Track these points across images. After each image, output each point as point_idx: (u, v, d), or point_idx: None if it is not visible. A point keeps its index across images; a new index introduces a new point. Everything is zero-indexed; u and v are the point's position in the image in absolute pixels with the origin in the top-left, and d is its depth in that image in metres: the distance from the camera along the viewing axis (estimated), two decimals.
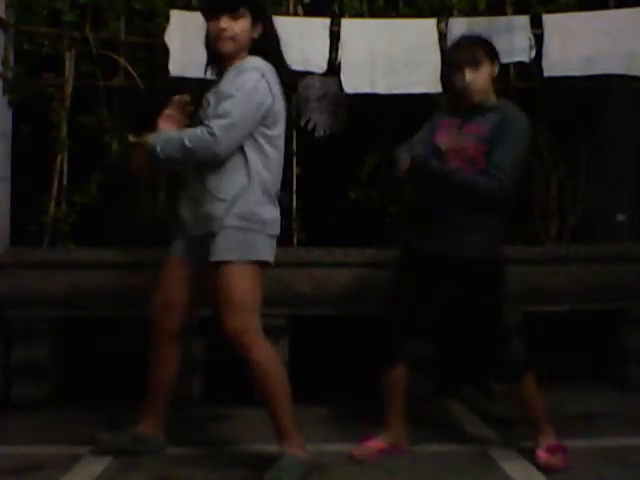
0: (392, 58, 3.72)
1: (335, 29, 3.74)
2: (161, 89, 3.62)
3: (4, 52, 3.73)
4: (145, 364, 2.83)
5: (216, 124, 2.51)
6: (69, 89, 3.79)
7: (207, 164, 2.58)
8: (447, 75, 2.84)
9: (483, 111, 2.76)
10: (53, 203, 3.75)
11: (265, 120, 2.60)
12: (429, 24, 3.76)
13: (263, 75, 2.59)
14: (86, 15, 3.78)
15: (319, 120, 3.82)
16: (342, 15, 3.84)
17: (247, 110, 2.55)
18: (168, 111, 2.73)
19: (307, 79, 3.79)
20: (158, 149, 2.56)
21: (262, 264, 2.63)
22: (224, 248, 2.57)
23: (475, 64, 2.74)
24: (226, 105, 2.54)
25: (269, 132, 2.62)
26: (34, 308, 3.49)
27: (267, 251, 2.64)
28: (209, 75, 2.81)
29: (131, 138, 2.66)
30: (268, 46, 2.68)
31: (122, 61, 3.76)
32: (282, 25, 3.32)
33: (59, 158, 3.78)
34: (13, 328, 3.53)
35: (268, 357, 2.63)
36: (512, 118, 2.73)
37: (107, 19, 3.80)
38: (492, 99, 2.81)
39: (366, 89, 3.73)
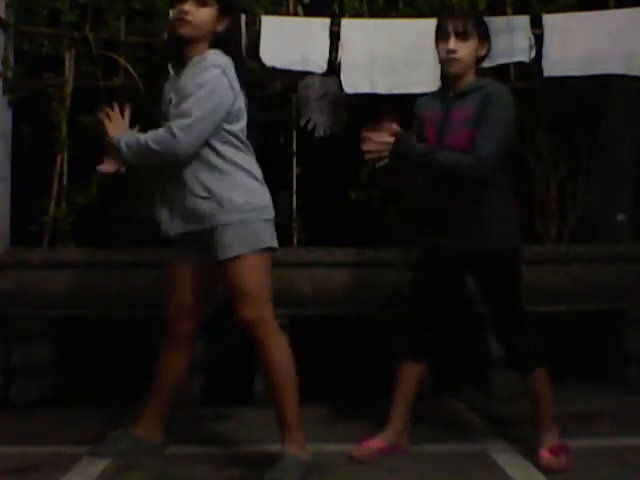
0: (392, 58, 3.72)
1: (335, 29, 3.74)
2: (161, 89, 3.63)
3: (4, 52, 3.73)
4: (145, 364, 2.84)
5: (176, 124, 2.52)
6: (69, 89, 3.79)
7: (170, 164, 2.59)
8: (435, 43, 2.84)
9: (464, 93, 2.75)
10: (53, 203, 3.75)
11: (227, 117, 2.61)
12: (429, 24, 3.72)
13: (224, 72, 2.59)
14: (86, 15, 3.78)
15: (319, 120, 3.82)
16: (342, 15, 3.84)
17: (208, 109, 2.55)
18: (113, 116, 2.74)
19: (307, 79, 3.78)
20: (123, 147, 2.60)
21: (268, 250, 2.64)
22: (229, 244, 2.57)
23: (463, 35, 2.73)
24: (187, 104, 2.54)
25: (231, 127, 2.63)
26: (34, 308, 3.49)
27: (269, 237, 2.66)
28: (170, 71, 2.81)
29: (106, 140, 2.68)
30: (230, 41, 2.69)
31: (122, 61, 3.76)
32: (282, 25, 3.34)
33: (59, 158, 3.78)
34: (13, 328, 3.54)
35: (281, 349, 2.65)
36: (494, 96, 2.69)
37: (107, 19, 3.80)
38: (473, 78, 2.77)
39: (366, 89, 3.73)
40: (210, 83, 2.56)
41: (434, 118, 2.80)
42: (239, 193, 2.60)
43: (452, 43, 2.72)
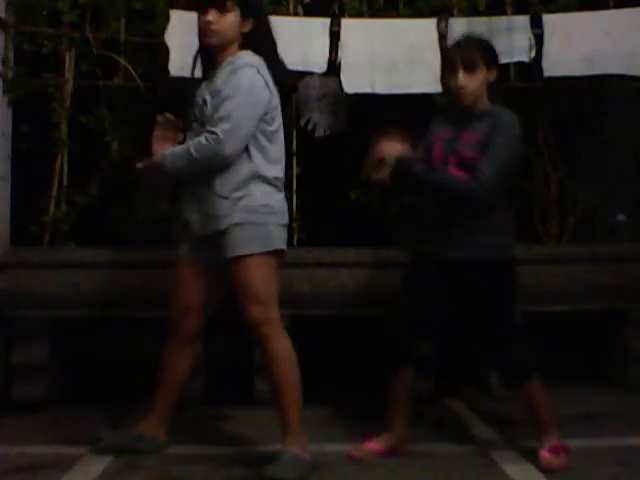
0: (392, 58, 3.72)
1: (335, 29, 3.74)
2: (161, 89, 3.64)
3: (4, 52, 3.73)
4: (144, 364, 2.84)
5: (220, 129, 2.52)
6: (69, 89, 3.79)
7: (217, 169, 2.58)
8: (444, 75, 2.85)
9: (477, 118, 2.76)
10: (53, 203, 3.75)
11: (265, 116, 2.61)
12: (429, 24, 3.76)
13: (258, 71, 2.60)
14: (86, 15, 3.78)
15: (319, 120, 3.82)
16: (342, 15, 3.84)
17: (248, 110, 2.56)
18: (157, 133, 2.74)
19: (307, 79, 3.79)
20: (168, 166, 2.60)
21: (277, 253, 2.66)
22: (239, 243, 2.58)
23: (471, 67, 2.74)
24: (226, 107, 2.54)
25: (269, 128, 2.64)
26: (34, 308, 3.49)
27: (281, 240, 2.67)
28: (198, 74, 2.80)
29: (139, 165, 2.69)
30: (259, 41, 2.69)
31: (122, 61, 3.76)
32: (282, 25, 3.33)
33: (59, 158, 3.78)
34: (13, 328, 3.53)
35: (285, 349, 2.65)
36: (502, 124, 2.71)
37: (107, 19, 3.80)
38: (485, 104, 2.80)
39: (366, 89, 3.73)
40: (246, 83, 2.57)
41: (444, 137, 2.82)
42: (257, 195, 2.60)
43: (460, 79, 2.73)
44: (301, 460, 2.60)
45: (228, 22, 2.63)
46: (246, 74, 2.59)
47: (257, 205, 2.60)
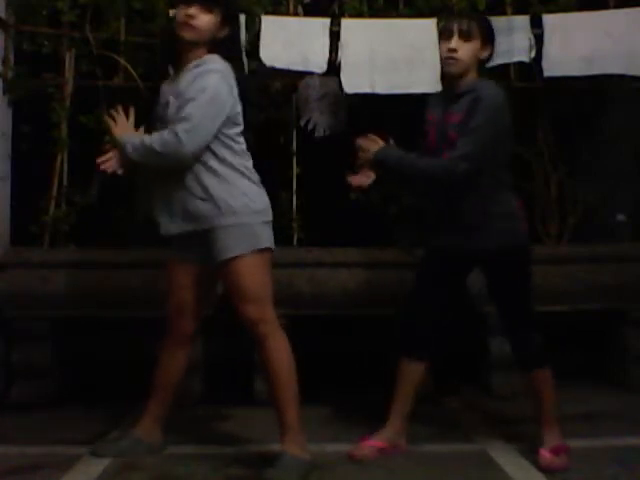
0: (392, 58, 3.71)
1: (335, 29, 3.74)
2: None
3: (4, 52, 3.73)
4: (144, 364, 2.84)
5: (180, 128, 2.53)
6: (69, 89, 3.79)
7: (175, 167, 2.61)
8: (438, 42, 2.84)
9: (461, 96, 2.75)
10: (53, 203, 3.75)
11: (227, 121, 2.63)
12: (429, 24, 3.75)
13: (224, 77, 2.62)
14: (86, 15, 3.78)
15: (319, 120, 3.82)
16: (342, 15, 3.84)
17: (209, 113, 2.57)
18: (118, 118, 2.75)
19: (307, 79, 3.79)
20: (129, 148, 2.62)
21: (266, 251, 2.66)
22: (227, 246, 2.59)
23: (466, 35, 2.73)
24: (189, 108, 2.56)
25: (229, 131, 2.66)
26: (34, 308, 3.49)
27: (267, 238, 2.68)
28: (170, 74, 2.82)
29: (100, 159, 2.70)
30: (229, 48, 2.72)
31: (122, 61, 3.76)
32: (282, 25, 3.34)
33: (59, 158, 3.78)
34: (13, 328, 3.53)
35: (282, 348, 2.66)
36: (481, 98, 2.68)
37: (107, 19, 3.79)
38: (471, 79, 2.77)
39: (366, 89, 3.72)
40: (211, 88, 2.58)
41: (435, 120, 2.83)
42: (237, 196, 2.62)
43: (454, 42, 2.73)
44: (301, 461, 2.59)
45: (208, 21, 2.65)
46: (212, 78, 2.60)
47: (239, 206, 2.60)
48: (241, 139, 2.72)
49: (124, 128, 2.73)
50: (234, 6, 2.84)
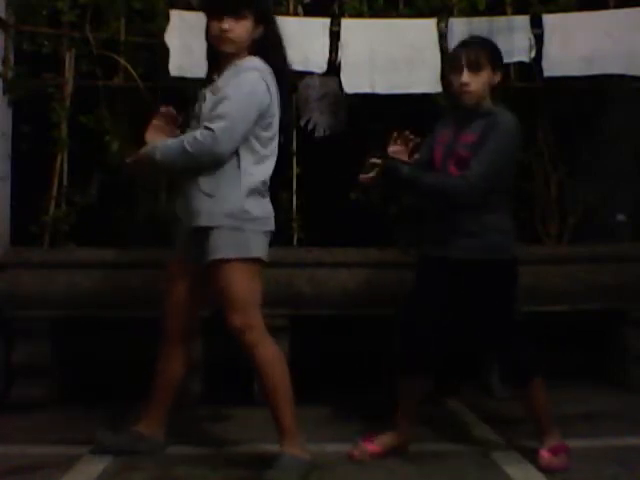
0: (392, 58, 3.72)
1: (335, 29, 3.74)
2: (161, 89, 3.64)
3: (4, 52, 3.73)
4: (144, 364, 2.84)
5: (216, 126, 2.51)
6: (69, 89, 3.79)
7: (208, 166, 2.58)
8: (447, 74, 2.85)
9: (476, 118, 2.76)
10: (53, 203, 3.75)
11: (261, 121, 2.61)
12: (429, 24, 3.76)
13: (262, 76, 2.60)
14: (86, 15, 3.77)
15: (319, 120, 3.82)
16: (342, 15, 3.84)
17: (245, 111, 2.56)
18: (156, 122, 2.74)
19: (307, 79, 3.79)
20: (158, 158, 2.59)
21: (256, 261, 2.63)
22: (219, 246, 2.58)
23: (476, 67, 2.74)
24: (224, 106, 2.54)
25: (263, 133, 2.63)
26: (34, 308, 3.49)
27: (259, 248, 2.63)
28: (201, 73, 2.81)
29: (128, 159, 2.69)
30: (268, 48, 2.69)
31: (122, 61, 3.76)
32: (282, 25, 3.31)
33: (59, 158, 3.78)
34: (13, 328, 3.53)
35: (272, 354, 2.64)
36: (497, 123, 2.71)
37: (107, 19, 3.79)
38: (487, 106, 2.79)
39: (366, 89, 3.73)
40: (248, 85, 2.58)
41: (445, 140, 2.82)
42: (240, 200, 2.59)
43: (465, 76, 2.73)
44: (300, 461, 2.60)
45: (243, 29, 2.63)
46: (250, 77, 2.59)
47: (237, 210, 2.58)
48: (271, 143, 2.67)
49: (158, 133, 2.70)
50: (263, 3, 2.77)
